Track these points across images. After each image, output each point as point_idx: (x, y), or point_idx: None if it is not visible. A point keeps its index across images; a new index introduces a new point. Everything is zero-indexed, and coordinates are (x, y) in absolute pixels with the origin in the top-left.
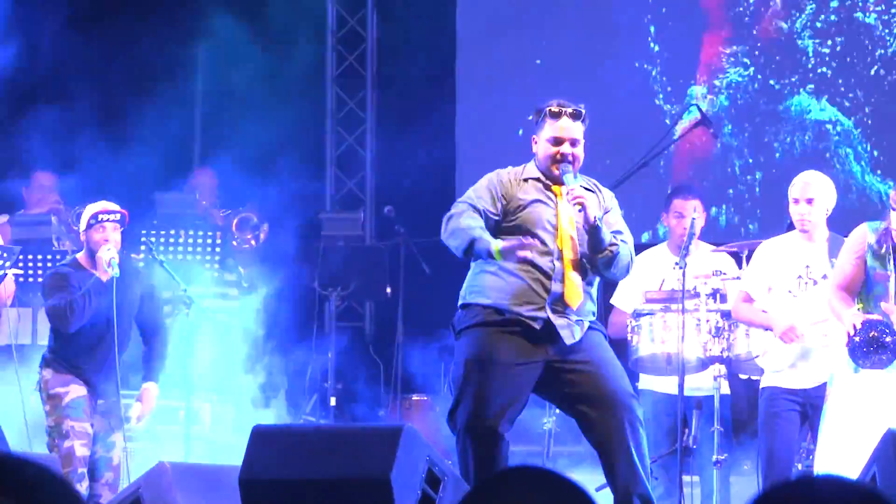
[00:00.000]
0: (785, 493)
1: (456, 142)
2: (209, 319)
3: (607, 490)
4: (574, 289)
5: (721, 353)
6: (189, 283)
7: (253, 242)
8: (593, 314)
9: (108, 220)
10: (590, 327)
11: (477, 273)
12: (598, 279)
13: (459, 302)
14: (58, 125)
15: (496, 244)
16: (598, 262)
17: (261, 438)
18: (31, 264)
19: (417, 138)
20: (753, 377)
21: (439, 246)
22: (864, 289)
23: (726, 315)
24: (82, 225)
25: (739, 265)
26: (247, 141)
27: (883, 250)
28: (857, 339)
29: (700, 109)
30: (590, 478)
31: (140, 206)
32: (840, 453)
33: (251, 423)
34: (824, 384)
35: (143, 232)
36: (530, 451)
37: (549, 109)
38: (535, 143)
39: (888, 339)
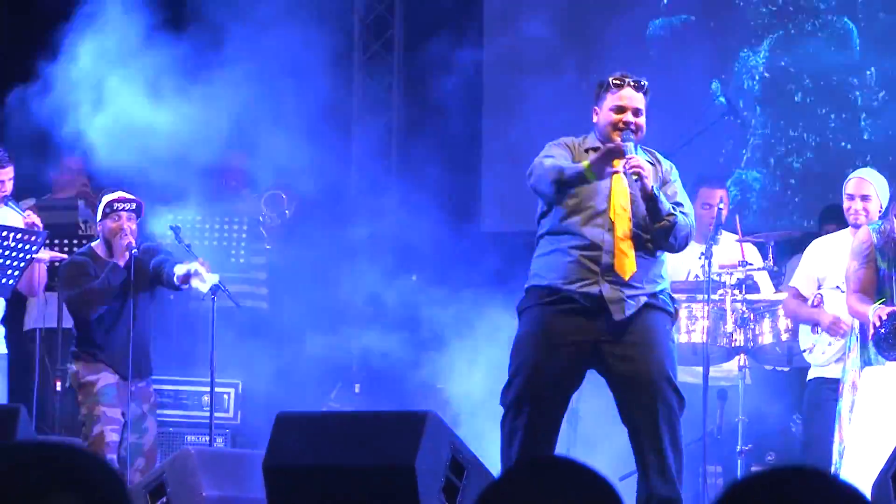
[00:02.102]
0: (753, 486)
1: (483, 127)
2: (235, 304)
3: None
4: (625, 259)
5: (746, 343)
6: (215, 269)
7: (278, 221)
8: (659, 287)
9: (123, 210)
10: (650, 304)
11: (536, 257)
12: (662, 253)
13: (526, 286)
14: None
15: (585, 162)
16: (656, 232)
17: (285, 425)
18: (56, 249)
19: (444, 123)
20: (779, 368)
21: (463, 232)
22: (877, 292)
23: (751, 305)
24: (98, 214)
25: (765, 256)
26: (270, 125)
27: (890, 249)
28: (882, 330)
29: (727, 99)
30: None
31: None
32: (867, 447)
33: (276, 409)
34: None
35: (170, 217)
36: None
37: (612, 80)
38: (597, 114)
39: None
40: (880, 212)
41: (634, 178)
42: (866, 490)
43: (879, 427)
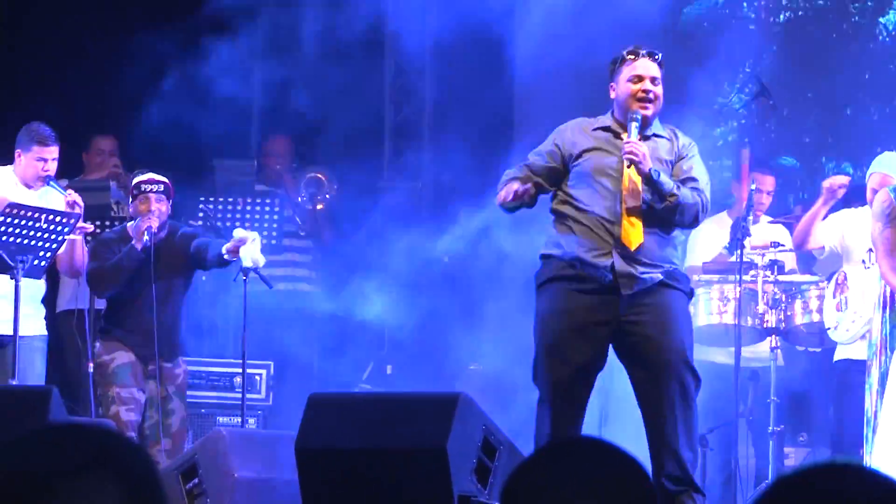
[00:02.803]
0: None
1: (514, 116)
2: (268, 286)
3: None
4: (632, 230)
5: (778, 324)
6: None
7: (321, 206)
8: (673, 266)
9: (151, 192)
10: (665, 283)
11: (551, 224)
12: (675, 229)
13: (539, 253)
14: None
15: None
16: (662, 211)
17: (317, 406)
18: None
19: (475, 111)
20: (811, 349)
21: (492, 211)
22: None
23: (783, 286)
24: (130, 196)
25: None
26: (304, 109)
27: None
28: None
29: (760, 81)
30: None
31: (198, 173)
32: None
33: (308, 390)
34: None
35: (202, 199)
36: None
37: (626, 53)
38: (613, 89)
39: None
40: None
41: (627, 165)
42: None
43: None
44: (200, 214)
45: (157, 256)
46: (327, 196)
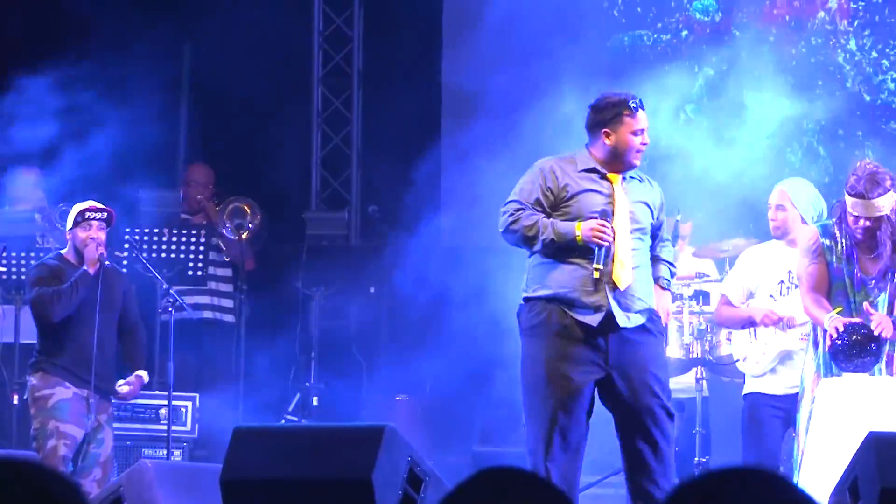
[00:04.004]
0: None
1: (442, 142)
2: (194, 318)
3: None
4: (622, 270)
5: (703, 355)
6: (173, 282)
7: (246, 234)
8: (652, 311)
9: (94, 219)
10: (647, 327)
11: (535, 265)
12: (649, 268)
13: (522, 295)
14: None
15: (577, 226)
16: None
17: (242, 438)
18: (14, 262)
19: (403, 137)
20: (736, 380)
21: (423, 246)
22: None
23: (709, 317)
24: (69, 223)
25: (722, 268)
26: (231, 138)
27: (839, 246)
28: (839, 342)
29: None
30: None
31: (124, 204)
32: (824, 458)
33: (233, 422)
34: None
35: (127, 230)
36: (514, 452)
37: (630, 104)
38: (608, 136)
39: (871, 342)
40: (803, 222)
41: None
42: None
43: (836, 438)
44: (126, 245)
45: (102, 287)
46: (251, 226)
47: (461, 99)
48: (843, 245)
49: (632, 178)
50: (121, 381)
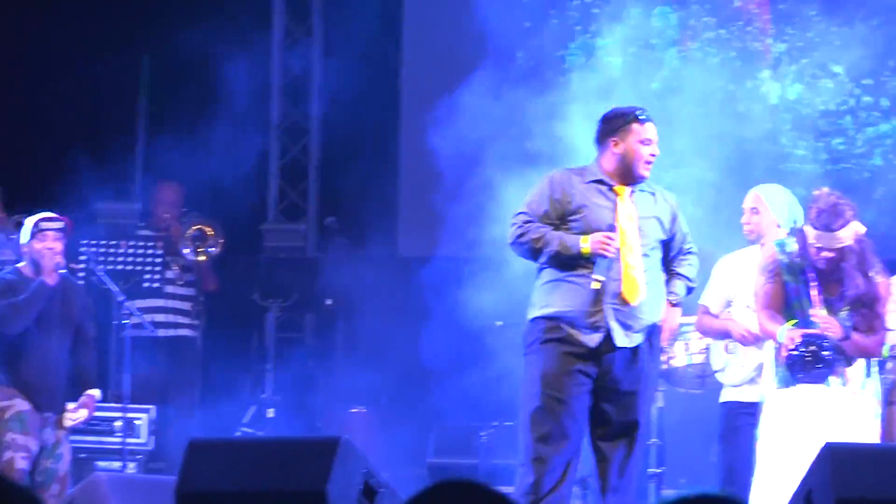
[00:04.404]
0: None
1: (401, 154)
2: (150, 330)
3: None
4: (632, 285)
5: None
6: (129, 294)
7: (204, 258)
8: (655, 327)
9: (50, 230)
10: (649, 347)
11: (541, 285)
12: (661, 283)
13: (528, 315)
14: None
15: (583, 239)
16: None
17: (197, 451)
18: None
19: (361, 149)
20: (692, 391)
21: (381, 258)
22: (785, 307)
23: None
24: (25, 235)
25: None
26: (188, 149)
27: (796, 266)
28: (795, 352)
29: None
30: None
31: (81, 216)
32: (778, 470)
33: (189, 435)
34: None
35: (83, 242)
36: (469, 463)
37: (638, 114)
38: (616, 144)
39: (826, 352)
40: (777, 227)
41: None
42: None
43: (791, 449)
44: (83, 258)
45: (59, 299)
46: (211, 249)
47: (420, 111)
48: (803, 266)
49: (642, 191)
50: (72, 405)
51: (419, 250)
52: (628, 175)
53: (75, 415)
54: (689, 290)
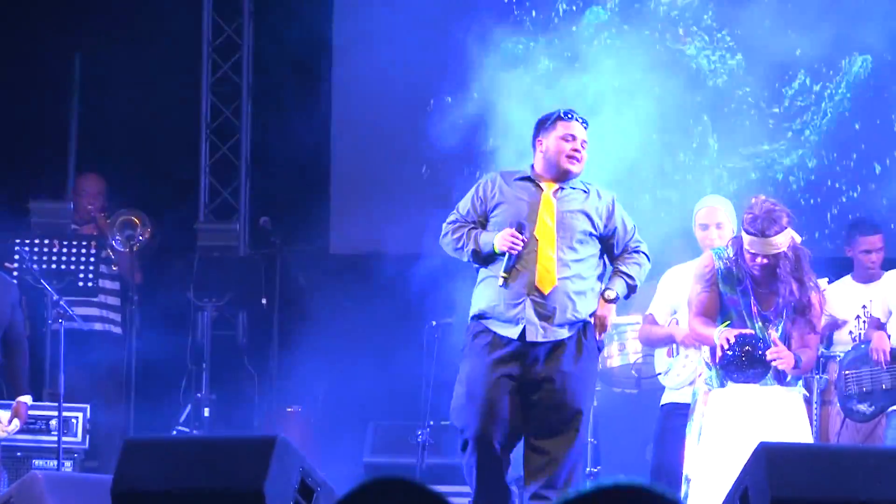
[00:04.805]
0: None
1: (332, 152)
2: (83, 329)
3: None
4: (545, 275)
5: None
6: (63, 293)
7: (136, 247)
8: (584, 323)
9: None
10: (578, 337)
11: (475, 286)
12: (592, 280)
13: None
14: None
15: (496, 237)
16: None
17: (133, 450)
18: None
19: (292, 148)
20: (627, 390)
21: (314, 256)
22: (719, 316)
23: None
24: None
25: None
26: (121, 147)
27: (734, 275)
28: (730, 353)
29: None
30: (461, 489)
31: (14, 215)
32: (713, 469)
33: (124, 434)
34: None
35: (17, 241)
36: (405, 462)
37: (562, 113)
38: (541, 143)
39: (761, 352)
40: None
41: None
42: None
43: (726, 449)
44: (16, 257)
45: None
46: (141, 238)
47: (351, 110)
48: (739, 276)
49: (573, 188)
50: (4, 414)
51: (352, 247)
52: (553, 170)
53: (10, 427)
54: (631, 289)
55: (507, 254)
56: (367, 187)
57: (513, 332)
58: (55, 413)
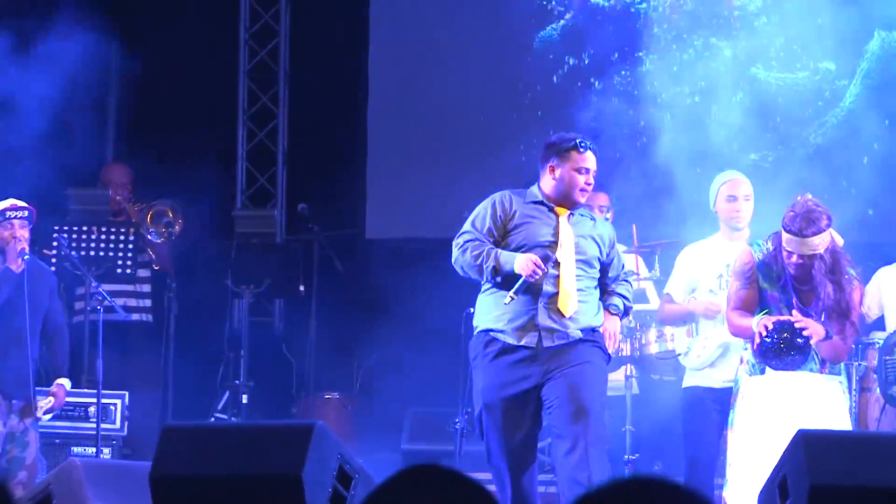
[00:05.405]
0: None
1: (368, 139)
2: (122, 316)
3: None
4: (568, 298)
5: (632, 353)
6: (102, 280)
7: (166, 237)
8: (593, 330)
9: (16, 218)
10: (586, 340)
11: (481, 299)
12: (596, 298)
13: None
14: None
15: (517, 258)
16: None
17: (171, 436)
18: None
19: (329, 134)
20: (665, 377)
21: (351, 244)
22: (758, 311)
23: (638, 315)
24: None
25: (652, 266)
26: (158, 136)
27: (774, 271)
28: (768, 339)
29: None
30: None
31: (52, 202)
32: (752, 457)
33: (162, 421)
34: None
35: (56, 228)
36: (443, 450)
37: (578, 142)
38: (553, 171)
39: (799, 339)
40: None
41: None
42: (753, 501)
43: (764, 436)
44: (54, 244)
45: (26, 285)
46: (175, 228)
47: (388, 95)
48: (779, 272)
49: (581, 215)
50: (41, 399)
51: (390, 234)
52: (565, 200)
53: (43, 402)
54: (626, 310)
55: (521, 277)
56: (404, 172)
57: (527, 340)
58: (94, 400)
